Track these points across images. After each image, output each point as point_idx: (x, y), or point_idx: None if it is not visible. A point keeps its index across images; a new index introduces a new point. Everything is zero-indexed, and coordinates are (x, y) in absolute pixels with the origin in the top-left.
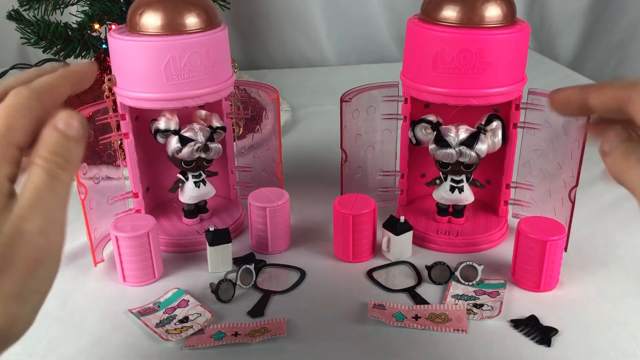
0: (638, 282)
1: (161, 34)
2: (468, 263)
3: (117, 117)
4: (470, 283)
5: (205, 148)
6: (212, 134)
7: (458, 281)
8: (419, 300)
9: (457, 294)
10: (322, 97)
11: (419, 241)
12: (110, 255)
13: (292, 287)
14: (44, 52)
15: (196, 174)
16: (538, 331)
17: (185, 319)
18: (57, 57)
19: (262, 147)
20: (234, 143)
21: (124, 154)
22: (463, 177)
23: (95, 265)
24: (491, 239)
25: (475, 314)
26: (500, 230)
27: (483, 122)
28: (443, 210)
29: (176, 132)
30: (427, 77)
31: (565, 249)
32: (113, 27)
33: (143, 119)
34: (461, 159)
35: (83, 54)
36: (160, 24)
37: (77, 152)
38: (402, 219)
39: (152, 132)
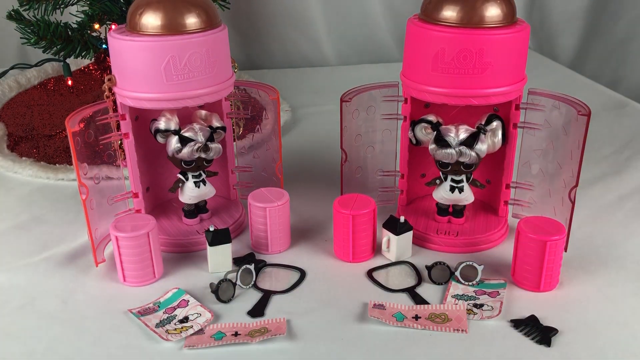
0: (638, 282)
1: (161, 34)
2: (468, 263)
3: (117, 117)
4: (470, 283)
5: (205, 148)
6: (212, 134)
7: (458, 281)
8: (419, 300)
9: (457, 294)
10: (322, 97)
11: (419, 241)
12: (110, 255)
13: (292, 287)
14: (44, 52)
15: (196, 174)
16: (538, 331)
17: (185, 319)
18: (57, 57)
19: (262, 147)
20: (234, 143)
21: (124, 154)
22: (463, 177)
23: (97, 266)
24: (491, 239)
25: (475, 314)
26: (500, 230)
27: (483, 122)
28: (443, 210)
29: (176, 132)
30: (427, 77)
31: (565, 249)
32: (113, 27)
33: (143, 119)
34: (461, 159)
35: (83, 54)
36: (160, 24)
37: None
38: (402, 219)
39: (152, 132)
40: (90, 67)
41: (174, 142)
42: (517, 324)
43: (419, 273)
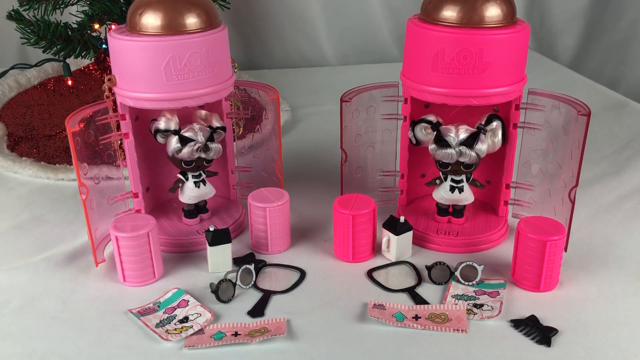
0: (638, 282)
1: (161, 34)
2: (468, 263)
3: (117, 117)
4: (470, 283)
5: (205, 148)
6: (212, 134)
7: (458, 281)
8: (419, 300)
9: (457, 294)
10: (322, 97)
11: (419, 241)
12: (110, 255)
13: (292, 287)
14: (44, 52)
15: (196, 174)
16: (538, 331)
17: (185, 319)
18: (57, 57)
19: (262, 147)
20: (234, 143)
21: (124, 154)
22: (463, 177)
23: (97, 266)
24: (491, 239)
25: (475, 314)
26: (500, 230)
27: (483, 122)
28: (443, 210)
29: (176, 132)
30: (427, 77)
31: (565, 249)
32: (113, 27)
33: (143, 119)
34: (461, 159)
35: (83, 54)
36: (160, 24)
37: None
38: (402, 219)
39: (152, 132)
40: (90, 67)
41: (174, 142)
42: (517, 324)
43: (419, 273)
